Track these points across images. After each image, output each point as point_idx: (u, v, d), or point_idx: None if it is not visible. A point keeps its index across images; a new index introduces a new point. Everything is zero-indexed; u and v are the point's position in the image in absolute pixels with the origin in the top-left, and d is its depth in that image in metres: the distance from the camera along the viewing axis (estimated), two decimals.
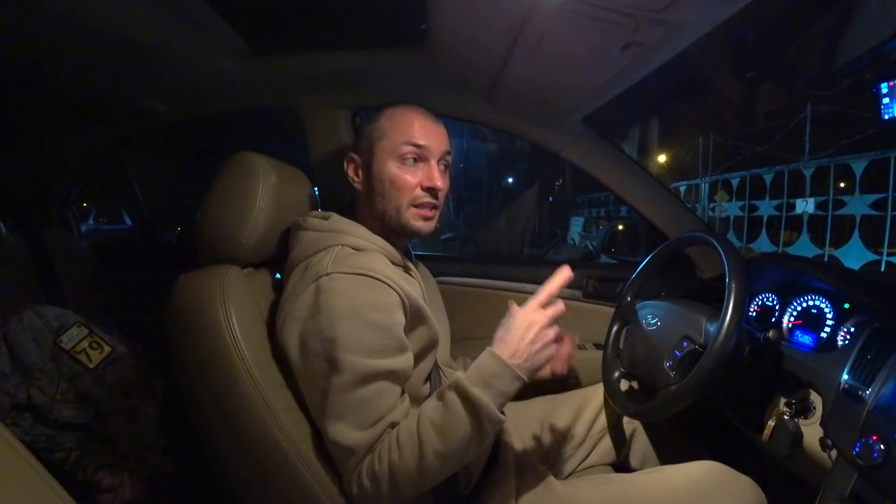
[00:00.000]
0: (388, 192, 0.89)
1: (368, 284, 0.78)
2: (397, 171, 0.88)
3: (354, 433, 0.74)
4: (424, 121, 0.90)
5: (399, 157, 0.88)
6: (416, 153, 0.88)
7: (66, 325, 1.22)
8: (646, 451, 1.21)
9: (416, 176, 0.89)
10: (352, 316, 0.75)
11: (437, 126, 0.92)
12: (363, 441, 0.75)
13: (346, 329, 0.75)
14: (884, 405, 0.76)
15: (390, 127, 0.89)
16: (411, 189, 0.88)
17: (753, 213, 8.06)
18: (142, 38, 1.02)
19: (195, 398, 0.84)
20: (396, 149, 0.88)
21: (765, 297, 1.18)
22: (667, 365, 1.00)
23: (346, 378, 0.74)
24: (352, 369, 0.74)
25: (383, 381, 0.77)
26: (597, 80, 1.05)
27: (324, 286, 0.77)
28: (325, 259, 0.81)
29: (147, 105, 1.39)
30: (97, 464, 1.12)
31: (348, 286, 0.77)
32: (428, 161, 0.89)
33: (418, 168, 0.89)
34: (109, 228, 5.49)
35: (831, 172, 6.68)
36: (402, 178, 0.88)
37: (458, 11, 0.91)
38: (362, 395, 0.75)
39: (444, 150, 0.91)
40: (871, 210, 6.05)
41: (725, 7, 0.77)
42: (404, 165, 0.88)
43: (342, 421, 0.75)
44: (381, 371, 0.76)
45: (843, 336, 0.96)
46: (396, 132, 0.88)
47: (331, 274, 0.77)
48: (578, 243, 7.54)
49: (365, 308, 0.76)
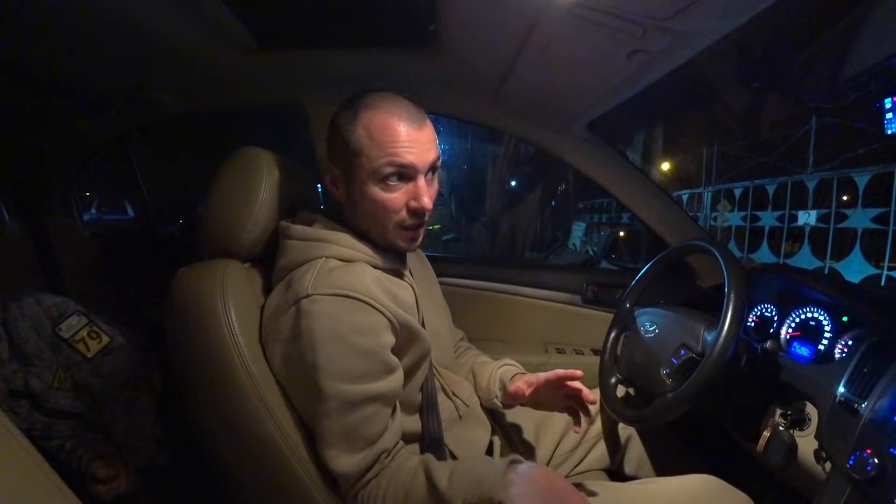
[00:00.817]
0: (372, 214, 0.82)
1: (351, 306, 0.74)
2: (381, 195, 0.79)
3: (344, 459, 0.74)
4: (408, 129, 0.78)
5: (381, 178, 0.78)
6: (401, 172, 0.79)
7: (66, 313, 1.22)
8: (640, 458, 1.21)
9: (401, 197, 0.80)
10: (333, 340, 0.73)
11: (422, 131, 0.80)
12: (355, 467, 0.74)
13: (328, 354, 0.73)
14: (879, 419, 0.76)
15: (369, 142, 0.77)
16: (397, 211, 0.81)
17: (755, 224, 8.05)
18: (150, 30, 1.03)
19: (192, 391, 0.84)
20: (378, 170, 0.77)
21: (764, 307, 1.18)
22: (663, 372, 1.01)
23: (331, 405, 0.73)
24: (335, 396, 0.73)
25: (371, 405, 0.76)
26: (603, 85, 1.06)
27: (304, 309, 0.74)
28: (307, 276, 0.77)
29: (153, 96, 1.40)
30: (91, 454, 1.11)
31: (329, 308, 0.74)
32: (414, 179, 0.80)
33: (403, 186, 0.80)
34: (112, 218, 5.50)
35: (834, 185, 6.66)
36: (386, 202, 0.80)
37: (467, 14, 0.91)
38: (348, 422, 0.74)
39: (431, 161, 0.80)
40: (872, 224, 6.04)
41: (733, 18, 0.77)
42: (388, 186, 0.79)
43: (332, 448, 0.75)
44: (366, 396, 0.75)
45: (840, 349, 0.96)
46: (377, 148, 0.77)
47: (311, 295, 0.74)
48: (580, 248, 7.54)
49: (347, 332, 0.74)
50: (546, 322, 1.57)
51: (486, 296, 1.58)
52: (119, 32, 1.03)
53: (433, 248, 4.46)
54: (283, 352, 0.78)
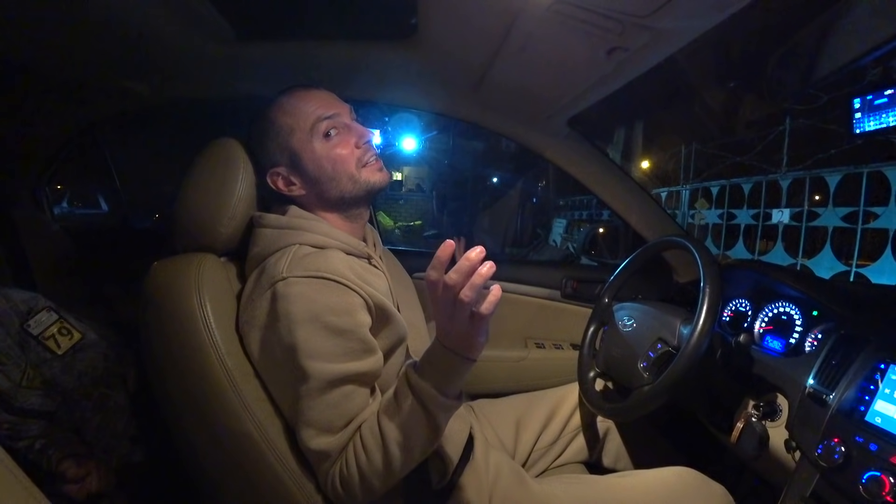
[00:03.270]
0: (333, 172, 0.86)
1: (326, 288, 0.75)
2: (329, 148, 0.86)
3: (325, 438, 0.74)
4: (314, 92, 0.88)
5: (320, 134, 0.85)
6: (332, 123, 0.86)
7: (35, 309, 1.19)
8: (618, 451, 1.23)
9: (345, 141, 0.87)
10: (310, 321, 0.73)
11: (325, 92, 0.90)
12: (335, 445, 0.74)
13: (306, 335, 0.73)
14: (846, 409, 0.78)
15: (292, 118, 0.85)
16: (351, 155, 0.87)
17: (731, 222, 8.22)
18: (123, 17, 0.99)
19: (166, 388, 0.82)
20: (312, 129, 0.85)
21: (738, 302, 1.21)
22: (641, 366, 1.02)
23: (312, 385, 0.73)
24: (316, 376, 0.73)
25: (350, 385, 0.76)
26: (582, 82, 1.06)
27: (280, 291, 0.74)
28: (282, 261, 0.78)
29: (127, 86, 1.36)
30: (62, 453, 1.09)
31: (305, 290, 0.74)
32: (347, 125, 0.88)
33: (341, 135, 0.87)
34: (85, 212, 5.35)
35: (807, 185, 6.85)
36: (337, 149, 0.86)
37: (448, 7, 0.91)
38: (329, 401, 0.74)
39: (348, 108, 0.90)
40: (842, 223, 6.23)
41: (710, 16, 0.78)
42: (329, 139, 0.86)
43: (312, 427, 0.74)
44: (346, 375, 0.75)
45: (810, 342, 0.99)
46: (301, 117, 0.85)
47: (286, 278, 0.75)
48: (560, 245, 7.61)
49: (324, 312, 0.74)
50: (526, 317, 1.58)
51: None
52: (90, 19, 0.99)
53: (415, 244, 4.46)
54: (260, 337, 0.77)
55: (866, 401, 0.77)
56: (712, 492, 0.96)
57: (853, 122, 0.96)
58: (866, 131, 0.94)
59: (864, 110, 0.94)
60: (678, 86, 4.03)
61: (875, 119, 0.93)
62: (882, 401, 0.75)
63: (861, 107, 0.94)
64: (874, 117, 0.93)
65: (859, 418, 0.76)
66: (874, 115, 0.93)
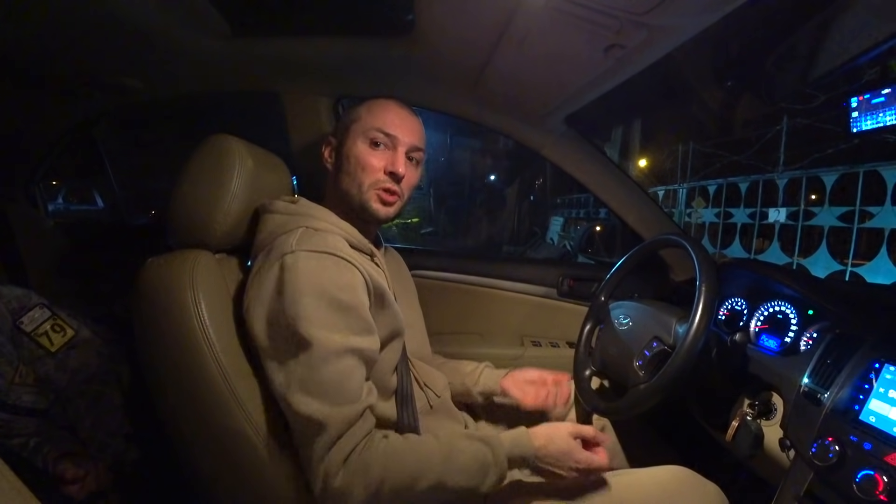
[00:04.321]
0: (353, 172, 0.92)
1: (333, 263, 0.79)
2: (364, 154, 0.91)
3: (326, 408, 0.72)
4: (400, 112, 0.95)
5: (368, 140, 0.92)
6: (385, 140, 0.92)
7: (28, 306, 1.18)
8: (614, 449, 1.22)
9: (381, 160, 0.92)
10: (316, 293, 0.75)
11: (412, 120, 0.96)
12: (336, 417, 0.72)
13: (312, 305, 0.74)
14: (840, 408, 0.78)
15: (366, 113, 0.94)
16: (375, 172, 0.91)
17: (728, 220, 8.25)
18: (118, 11, 0.99)
19: (160, 385, 0.82)
20: (367, 132, 0.92)
21: (734, 301, 1.21)
22: (636, 364, 1.02)
23: (315, 354, 0.73)
24: (320, 345, 0.73)
25: (351, 360, 0.76)
26: (579, 80, 1.06)
27: (288, 263, 0.77)
28: (291, 238, 0.81)
29: (122, 81, 1.35)
30: (57, 451, 1.08)
31: (312, 264, 0.77)
32: (395, 149, 0.93)
33: (385, 153, 0.92)
34: (80, 209, 5.32)
35: (803, 184, 6.88)
36: (367, 160, 0.91)
37: (445, 4, 0.90)
38: (331, 372, 0.74)
39: (413, 143, 0.94)
40: (838, 222, 6.25)
41: (707, 14, 0.78)
42: (371, 149, 0.92)
43: (311, 396, 0.72)
44: (348, 348, 0.76)
45: (805, 341, 0.99)
46: (370, 117, 0.93)
47: (295, 252, 0.78)
48: (557, 243, 7.62)
49: (329, 286, 0.76)
50: (522, 315, 1.58)
51: (464, 289, 1.58)
52: (85, 14, 0.99)
53: (412, 241, 4.45)
54: (266, 310, 0.77)
55: (861, 400, 0.77)
56: (706, 490, 0.96)
57: (850, 121, 0.96)
58: (863, 130, 0.94)
59: (861, 109, 0.94)
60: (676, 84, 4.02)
61: (872, 118, 0.93)
62: (876, 400, 0.75)
63: (858, 106, 0.94)
64: (871, 116, 0.93)
65: (854, 417, 0.76)
66: (871, 114, 0.93)
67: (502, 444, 0.83)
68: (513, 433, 0.86)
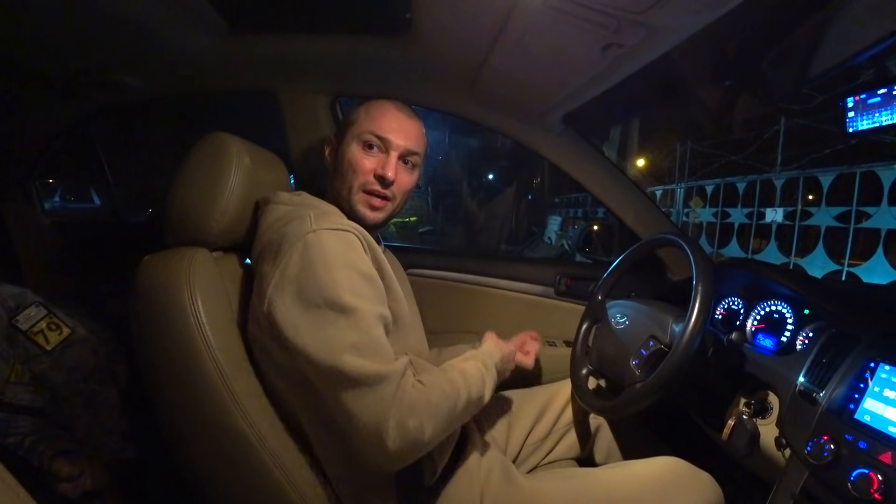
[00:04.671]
0: (345, 173, 0.93)
1: (351, 239, 0.81)
2: (357, 155, 0.93)
3: (382, 365, 0.73)
4: (398, 114, 0.95)
5: (362, 142, 0.93)
6: (378, 143, 0.93)
7: (24, 304, 1.18)
8: (610, 447, 1.23)
9: (372, 163, 0.93)
10: (344, 264, 0.77)
11: (410, 123, 0.96)
12: (393, 370, 0.74)
13: (343, 274, 0.76)
14: (836, 407, 0.79)
15: (364, 114, 0.95)
16: (365, 174, 0.92)
17: (725, 220, 8.27)
18: (115, 9, 0.98)
19: (157, 383, 0.81)
20: (361, 134, 0.93)
21: (731, 300, 1.21)
22: (633, 363, 1.02)
23: (361, 318, 0.75)
24: (363, 310, 0.75)
25: (381, 326, 0.79)
26: (577, 79, 1.06)
27: (311, 240, 0.77)
28: (306, 220, 0.81)
29: (119, 79, 1.34)
30: (53, 449, 1.08)
31: (335, 239, 0.79)
32: (388, 153, 0.93)
33: (377, 156, 0.93)
34: (77, 207, 5.30)
35: (801, 184, 6.90)
36: (358, 162, 0.92)
37: (443, 2, 0.90)
38: (374, 334, 0.76)
39: (407, 147, 0.94)
40: (835, 222, 6.27)
41: (705, 13, 0.78)
42: (364, 151, 0.93)
43: (365, 357, 0.73)
44: (380, 314, 0.79)
45: (801, 340, 0.99)
46: (367, 119, 0.94)
47: (317, 230, 0.78)
48: (555, 242, 7.61)
49: (355, 259, 0.79)
50: (520, 314, 1.58)
51: (461, 287, 1.58)
52: (82, 11, 0.98)
53: (409, 240, 4.45)
54: (295, 289, 0.75)
55: (856, 399, 0.77)
56: (700, 480, 0.96)
57: (847, 121, 0.96)
58: (860, 130, 0.95)
59: (857, 110, 0.94)
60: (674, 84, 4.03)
61: (868, 118, 0.93)
62: (871, 399, 0.76)
63: (854, 106, 0.94)
64: (867, 117, 0.93)
65: (849, 416, 0.77)
66: (867, 114, 0.93)
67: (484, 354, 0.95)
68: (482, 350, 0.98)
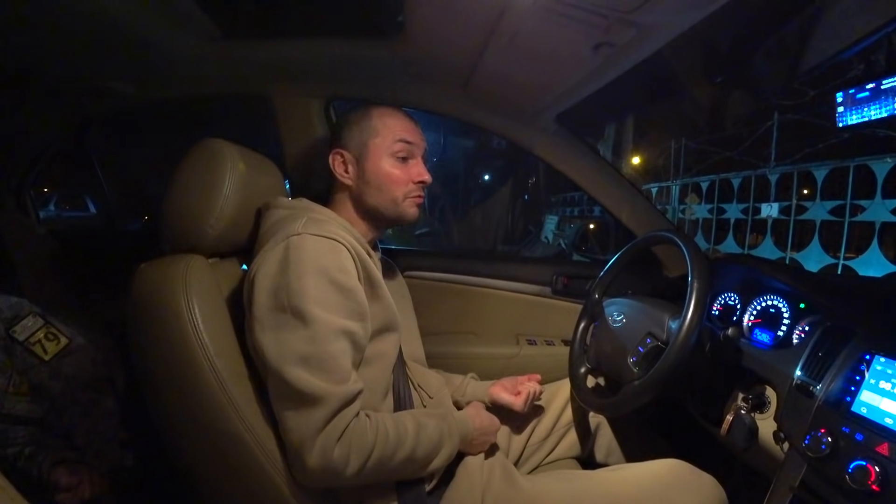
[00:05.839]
0: (386, 188, 0.96)
1: (335, 248, 0.82)
2: (392, 169, 0.96)
3: (325, 384, 0.74)
4: (409, 121, 1.00)
5: (392, 154, 0.96)
6: (407, 151, 0.97)
7: (20, 314, 1.18)
8: (610, 445, 1.23)
9: (407, 172, 0.98)
10: (319, 273, 0.78)
11: (417, 126, 1.02)
12: (335, 393, 0.74)
13: (314, 284, 0.77)
14: (832, 400, 0.79)
15: (383, 126, 0.97)
16: (406, 183, 0.98)
17: (721, 216, 8.30)
18: (107, 15, 0.98)
19: (155, 391, 0.81)
20: (391, 147, 0.96)
21: (727, 296, 1.22)
22: (630, 361, 1.03)
23: (317, 331, 0.75)
24: (321, 322, 0.75)
25: (346, 342, 0.79)
26: (570, 78, 1.06)
27: (293, 243, 0.79)
28: (297, 222, 0.83)
29: (112, 86, 1.34)
30: (52, 459, 1.08)
31: (317, 246, 0.80)
32: (415, 157, 0.99)
33: (408, 164, 0.98)
34: (72, 215, 5.28)
35: (795, 179, 6.93)
36: (399, 176, 0.97)
37: (434, 4, 0.90)
38: (331, 350, 0.76)
39: (424, 147, 1.02)
40: (830, 216, 6.30)
41: (696, 11, 0.78)
42: (400, 163, 0.97)
43: (310, 372, 0.74)
44: (345, 329, 0.78)
45: (798, 334, 1.00)
46: (389, 131, 0.97)
47: (301, 234, 0.80)
48: (552, 241, 7.61)
49: (331, 268, 0.79)
50: (517, 314, 1.58)
51: (458, 288, 1.58)
52: (74, 18, 0.98)
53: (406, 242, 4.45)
54: (269, 286, 0.78)
55: (852, 391, 0.78)
56: (703, 482, 0.96)
57: (836, 115, 0.97)
58: (849, 125, 0.95)
59: (846, 104, 0.95)
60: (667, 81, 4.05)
61: (858, 113, 0.94)
62: (867, 391, 0.76)
63: (844, 101, 0.95)
64: (857, 111, 0.94)
65: (846, 409, 0.77)
66: (857, 108, 0.94)
67: (457, 420, 0.92)
68: (457, 415, 0.95)
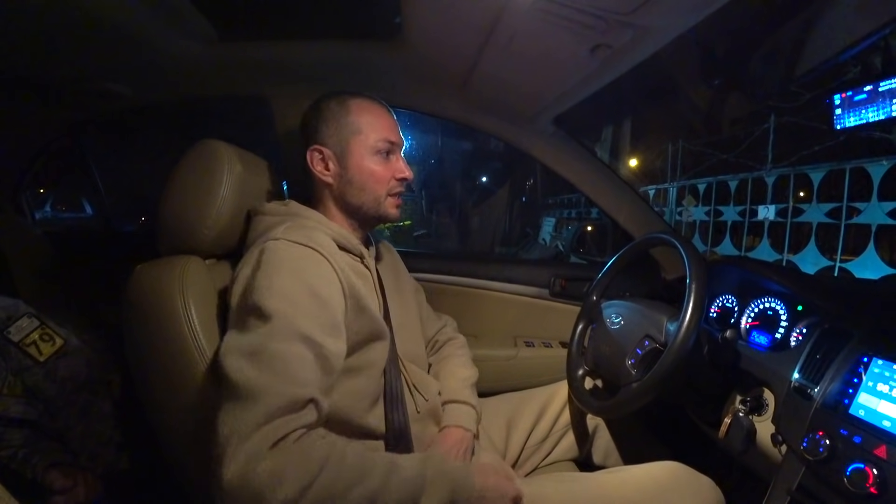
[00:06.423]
0: (368, 185, 0.94)
1: (314, 257, 0.79)
2: (375, 166, 0.94)
3: (265, 379, 0.64)
4: (390, 117, 0.98)
5: (377, 152, 0.94)
6: (389, 148, 0.95)
7: (15, 315, 1.17)
8: (608, 448, 1.23)
9: (389, 169, 0.95)
10: (292, 274, 0.75)
11: (393, 117, 0.99)
12: (275, 392, 0.63)
13: (284, 284, 0.73)
14: (830, 402, 0.79)
15: (365, 124, 0.93)
16: (388, 181, 0.95)
17: (718, 219, 8.31)
18: (104, 16, 0.98)
19: (152, 392, 0.81)
20: (374, 144, 0.93)
21: (725, 298, 1.22)
22: (628, 363, 1.03)
23: (274, 326, 0.69)
24: (281, 320, 0.69)
25: (309, 351, 0.70)
26: (567, 80, 1.07)
27: (270, 246, 0.77)
28: (279, 228, 0.82)
29: (109, 87, 1.33)
30: (46, 462, 1.07)
31: (295, 252, 0.78)
32: (396, 153, 0.97)
33: (390, 161, 0.96)
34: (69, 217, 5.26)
35: (791, 181, 6.94)
36: (381, 173, 0.94)
37: (432, 7, 0.91)
38: (285, 350, 0.68)
39: (403, 143, 1.00)
40: (826, 218, 6.32)
41: (692, 13, 0.79)
42: (383, 160, 0.95)
43: (251, 364, 0.65)
44: (309, 338, 0.70)
45: (795, 336, 1.00)
46: (372, 129, 0.94)
47: (279, 239, 0.78)
48: (549, 243, 7.61)
49: (306, 274, 0.76)
50: (515, 316, 1.58)
51: (456, 290, 1.58)
52: (71, 20, 0.98)
53: (404, 244, 4.44)
54: (242, 288, 0.75)
55: (850, 394, 0.78)
56: (701, 485, 0.96)
57: (834, 118, 0.97)
58: (846, 127, 0.96)
59: (844, 106, 0.96)
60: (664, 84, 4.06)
61: (855, 115, 0.94)
62: (865, 394, 0.76)
63: (841, 103, 0.96)
64: (854, 113, 0.94)
65: (843, 411, 0.77)
66: (854, 111, 0.94)
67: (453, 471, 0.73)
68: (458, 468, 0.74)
